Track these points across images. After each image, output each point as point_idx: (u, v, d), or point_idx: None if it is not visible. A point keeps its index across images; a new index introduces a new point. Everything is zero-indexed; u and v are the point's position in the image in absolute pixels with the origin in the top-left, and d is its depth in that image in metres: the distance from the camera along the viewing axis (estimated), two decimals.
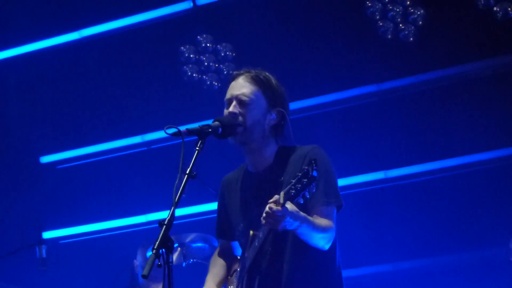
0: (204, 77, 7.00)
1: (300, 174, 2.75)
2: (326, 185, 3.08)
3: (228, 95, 3.23)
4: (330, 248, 3.10)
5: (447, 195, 6.19)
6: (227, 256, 3.47)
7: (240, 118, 3.14)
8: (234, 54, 6.95)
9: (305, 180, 2.72)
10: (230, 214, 3.35)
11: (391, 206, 6.28)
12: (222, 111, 3.22)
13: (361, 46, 6.46)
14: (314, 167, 2.71)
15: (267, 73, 3.26)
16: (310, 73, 6.63)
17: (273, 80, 3.25)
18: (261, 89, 3.20)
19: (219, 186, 3.45)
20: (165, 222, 2.66)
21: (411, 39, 6.38)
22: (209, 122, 3.06)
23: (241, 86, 3.20)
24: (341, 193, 3.15)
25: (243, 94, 3.17)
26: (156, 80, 7.15)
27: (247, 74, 3.24)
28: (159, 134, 7.11)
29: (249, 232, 3.16)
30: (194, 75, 7.01)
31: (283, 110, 3.21)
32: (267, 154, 3.21)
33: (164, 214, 6.95)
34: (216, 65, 6.99)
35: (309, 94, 6.68)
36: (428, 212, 6.19)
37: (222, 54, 6.96)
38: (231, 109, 3.17)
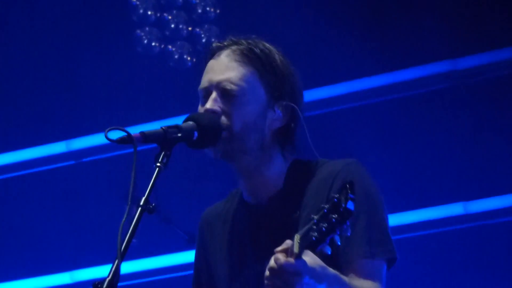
0: (170, 47, 7.03)
1: (326, 206, 2.72)
2: (369, 226, 3.10)
3: (204, 82, 3.24)
4: None
5: None
6: None
7: (224, 119, 3.15)
8: (218, 11, 6.97)
9: (335, 215, 2.70)
10: (214, 270, 3.36)
11: (473, 257, 6.31)
12: (197, 105, 3.22)
13: (422, 3, 6.51)
14: (350, 196, 2.69)
15: (267, 44, 3.28)
16: (339, 43, 6.63)
17: (277, 55, 3.27)
18: (258, 72, 3.22)
19: (196, 226, 3.45)
20: (104, 285, 2.68)
21: None
22: (179, 121, 3.06)
23: (225, 68, 3.22)
24: (394, 237, 3.15)
25: (229, 81, 3.19)
26: (91, 53, 7.16)
27: (235, 46, 3.26)
28: (96, 140, 7.15)
29: None
30: (153, 44, 7.03)
31: (292, 104, 3.23)
32: (271, 174, 3.24)
33: (102, 271, 6.91)
34: (190, 29, 7.01)
35: (338, 77, 6.71)
36: None
37: (199, 11, 6.98)
38: (208, 104, 3.17)
